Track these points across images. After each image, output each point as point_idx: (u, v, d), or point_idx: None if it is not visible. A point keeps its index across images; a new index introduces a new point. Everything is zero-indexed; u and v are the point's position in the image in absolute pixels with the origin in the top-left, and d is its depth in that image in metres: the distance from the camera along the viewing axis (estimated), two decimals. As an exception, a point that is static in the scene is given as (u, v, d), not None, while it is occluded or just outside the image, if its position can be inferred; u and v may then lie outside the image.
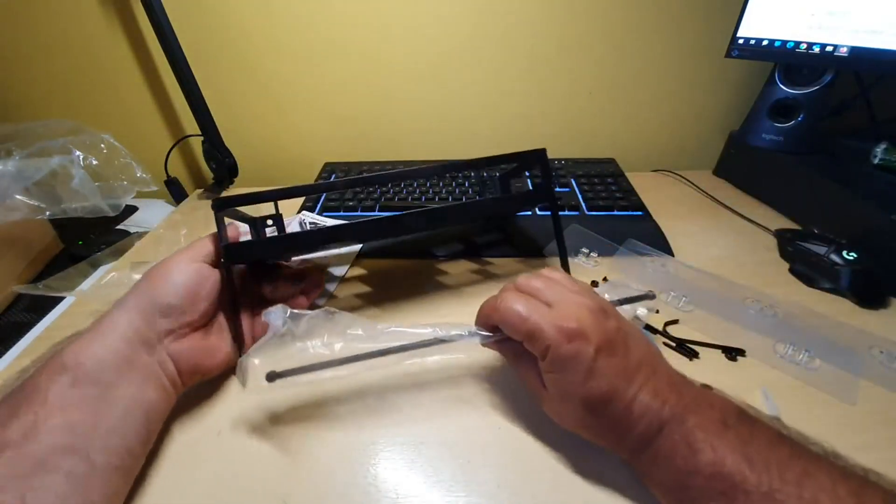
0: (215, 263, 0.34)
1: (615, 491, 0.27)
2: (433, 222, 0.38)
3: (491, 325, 0.30)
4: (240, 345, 0.35)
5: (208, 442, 0.31)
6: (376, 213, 0.56)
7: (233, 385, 0.35)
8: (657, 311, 0.41)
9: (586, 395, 0.25)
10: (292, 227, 0.52)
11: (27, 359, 0.38)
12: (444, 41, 0.65)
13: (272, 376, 0.28)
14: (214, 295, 0.33)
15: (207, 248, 0.34)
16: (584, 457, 0.29)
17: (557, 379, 0.26)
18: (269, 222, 0.38)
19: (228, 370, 0.35)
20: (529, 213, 0.56)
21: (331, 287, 0.46)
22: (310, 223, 0.53)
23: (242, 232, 0.37)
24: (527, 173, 0.63)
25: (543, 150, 0.41)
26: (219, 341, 0.34)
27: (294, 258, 0.48)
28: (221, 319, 0.35)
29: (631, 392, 0.25)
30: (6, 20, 0.62)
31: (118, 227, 0.60)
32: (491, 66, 0.67)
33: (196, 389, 0.34)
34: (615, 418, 0.25)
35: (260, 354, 0.29)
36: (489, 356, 0.37)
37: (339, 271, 0.47)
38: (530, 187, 0.60)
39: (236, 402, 0.34)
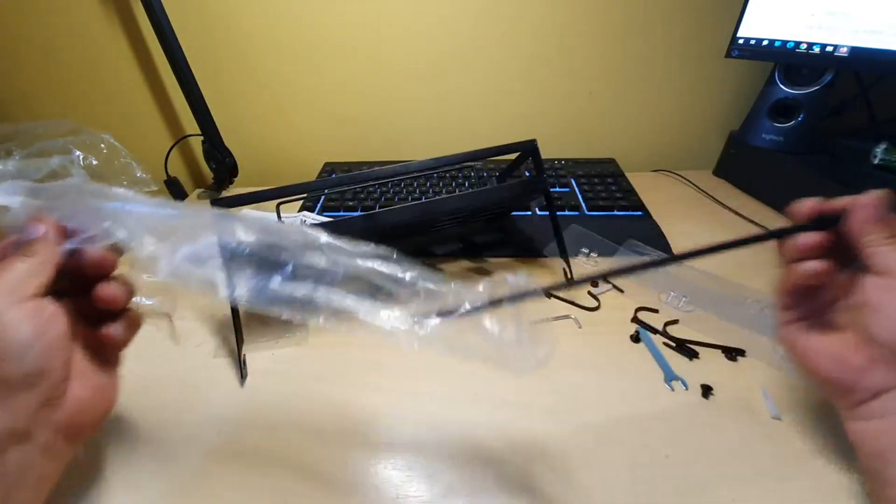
0: (47, 285, 0.22)
1: (615, 491, 0.27)
2: (427, 215, 0.39)
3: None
4: (239, 344, 0.35)
5: (208, 441, 0.31)
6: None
7: (232, 384, 0.35)
8: (657, 311, 0.41)
9: None
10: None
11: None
12: (444, 41, 0.65)
13: None
14: (67, 328, 0.23)
15: (21, 269, 0.22)
16: (584, 457, 0.29)
17: None
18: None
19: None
20: (529, 213, 0.56)
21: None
22: (310, 223, 0.53)
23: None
24: (527, 173, 0.63)
25: (534, 141, 0.42)
26: (97, 375, 0.25)
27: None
28: (78, 348, 0.25)
29: None
30: (6, 20, 0.62)
31: (118, 227, 0.60)
32: (491, 67, 0.67)
33: (195, 389, 0.34)
34: None
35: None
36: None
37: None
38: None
39: (236, 401, 0.34)
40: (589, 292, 0.44)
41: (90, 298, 0.24)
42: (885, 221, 0.25)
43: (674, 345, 0.37)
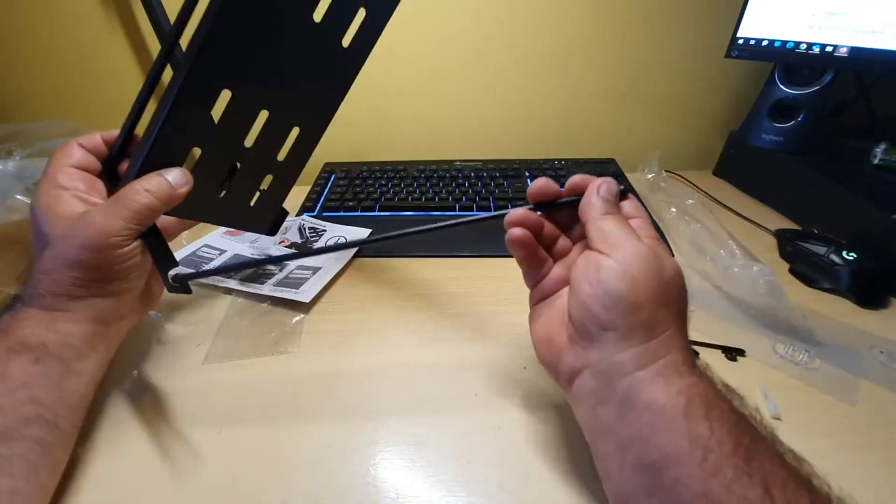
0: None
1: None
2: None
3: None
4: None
5: (208, 441, 0.31)
6: (376, 212, 0.56)
7: (232, 385, 0.35)
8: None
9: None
10: (292, 230, 0.52)
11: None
12: (445, 41, 0.65)
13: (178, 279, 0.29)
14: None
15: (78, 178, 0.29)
16: (584, 457, 0.29)
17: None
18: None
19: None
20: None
21: (328, 276, 0.46)
22: (309, 228, 0.53)
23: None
24: (527, 173, 0.63)
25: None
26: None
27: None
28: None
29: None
30: (6, 20, 0.62)
31: (118, 227, 0.60)
32: (491, 67, 0.67)
33: (194, 389, 0.34)
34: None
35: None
36: (488, 356, 0.37)
37: (336, 267, 0.47)
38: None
39: (235, 401, 0.34)
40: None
41: None
42: (609, 200, 0.25)
43: (674, 345, 0.37)
